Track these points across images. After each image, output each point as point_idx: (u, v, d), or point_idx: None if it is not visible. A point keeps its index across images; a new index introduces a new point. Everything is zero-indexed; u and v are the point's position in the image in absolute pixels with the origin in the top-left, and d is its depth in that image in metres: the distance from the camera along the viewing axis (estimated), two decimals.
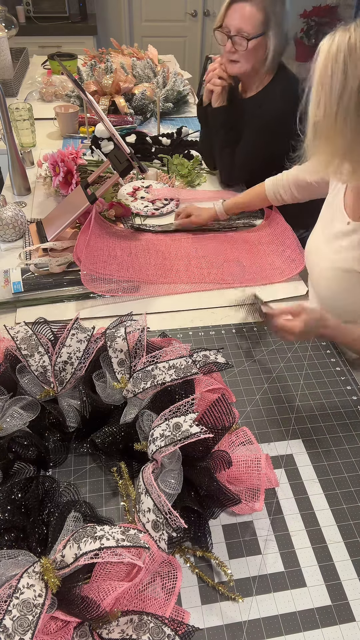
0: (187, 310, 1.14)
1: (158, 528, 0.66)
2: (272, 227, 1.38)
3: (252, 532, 0.74)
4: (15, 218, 1.30)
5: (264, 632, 0.64)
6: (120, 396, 0.83)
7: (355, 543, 0.73)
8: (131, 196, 1.50)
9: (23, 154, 1.65)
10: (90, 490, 0.78)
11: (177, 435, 0.69)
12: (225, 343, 1.06)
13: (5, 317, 1.09)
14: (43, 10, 3.60)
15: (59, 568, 0.59)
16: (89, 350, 0.84)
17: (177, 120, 2.13)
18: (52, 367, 0.82)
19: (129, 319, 0.93)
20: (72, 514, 0.66)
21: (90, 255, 1.17)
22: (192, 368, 0.80)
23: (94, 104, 1.20)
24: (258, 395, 0.95)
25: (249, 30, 1.30)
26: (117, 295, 1.16)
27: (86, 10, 3.75)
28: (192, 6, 4.02)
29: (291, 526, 0.75)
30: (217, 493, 0.70)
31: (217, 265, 1.27)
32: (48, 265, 1.18)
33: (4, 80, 2.23)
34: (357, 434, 0.88)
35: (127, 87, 2.06)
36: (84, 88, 1.64)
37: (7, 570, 0.59)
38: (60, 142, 1.90)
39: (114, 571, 0.61)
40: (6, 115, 1.36)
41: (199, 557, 0.70)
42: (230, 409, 0.75)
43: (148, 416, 0.78)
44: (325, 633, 0.64)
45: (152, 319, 1.11)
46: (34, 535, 0.65)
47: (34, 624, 0.54)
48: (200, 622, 0.65)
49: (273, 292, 1.20)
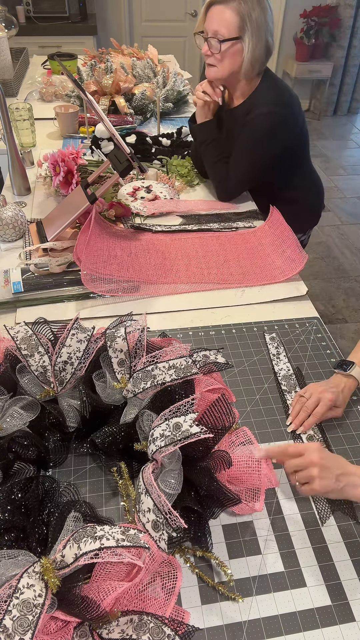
0: (187, 310, 1.14)
1: (158, 528, 0.66)
2: (272, 227, 1.38)
3: (252, 532, 0.74)
4: (15, 218, 1.30)
5: (264, 632, 0.64)
6: (120, 396, 0.83)
7: (355, 543, 0.73)
8: (131, 196, 1.50)
9: (23, 154, 1.65)
10: (90, 490, 0.78)
11: (177, 435, 0.69)
12: (225, 343, 1.06)
13: (5, 317, 1.09)
14: (43, 10, 3.61)
15: (59, 568, 0.59)
16: (89, 350, 0.84)
17: (177, 120, 2.13)
18: (52, 367, 0.82)
19: (129, 319, 0.93)
20: (72, 514, 0.66)
21: (90, 255, 1.17)
22: (192, 368, 0.80)
23: (94, 104, 1.20)
24: (258, 395, 0.95)
25: (223, 33, 1.29)
26: (117, 295, 1.16)
27: (86, 10, 3.75)
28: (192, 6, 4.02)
29: (291, 526, 0.75)
30: (217, 493, 0.70)
31: (217, 265, 1.27)
32: (48, 265, 1.19)
33: (4, 80, 2.23)
34: (357, 434, 0.88)
35: (127, 87, 2.06)
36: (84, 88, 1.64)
37: (7, 570, 0.59)
38: (60, 142, 1.90)
39: (114, 571, 0.61)
40: (6, 115, 1.36)
41: (199, 557, 0.70)
42: (230, 409, 0.75)
43: (148, 416, 0.78)
44: (325, 633, 0.64)
45: (152, 319, 1.11)
46: (34, 535, 0.65)
47: (34, 624, 0.54)
48: (200, 622, 0.65)
49: (273, 292, 1.20)
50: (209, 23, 1.32)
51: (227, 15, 1.28)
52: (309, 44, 4.28)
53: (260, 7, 1.28)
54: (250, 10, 1.27)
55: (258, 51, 1.32)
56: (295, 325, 1.11)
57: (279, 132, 1.39)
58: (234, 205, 1.53)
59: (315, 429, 0.89)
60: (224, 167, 1.47)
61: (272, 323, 1.12)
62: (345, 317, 2.59)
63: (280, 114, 1.37)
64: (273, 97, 1.38)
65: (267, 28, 1.31)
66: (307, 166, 1.61)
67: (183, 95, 2.22)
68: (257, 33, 1.30)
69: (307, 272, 2.88)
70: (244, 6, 1.27)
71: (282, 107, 1.38)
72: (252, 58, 1.33)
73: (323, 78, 4.52)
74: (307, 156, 1.60)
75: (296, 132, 1.45)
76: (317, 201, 1.69)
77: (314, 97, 4.83)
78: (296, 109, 1.42)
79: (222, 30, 1.29)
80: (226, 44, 1.31)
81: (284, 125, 1.39)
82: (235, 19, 1.28)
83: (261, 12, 1.28)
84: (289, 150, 1.46)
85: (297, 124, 1.44)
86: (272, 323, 1.12)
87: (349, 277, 2.87)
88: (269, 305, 1.17)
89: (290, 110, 1.40)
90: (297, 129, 1.45)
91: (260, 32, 1.30)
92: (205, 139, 1.49)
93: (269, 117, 1.36)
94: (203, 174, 1.63)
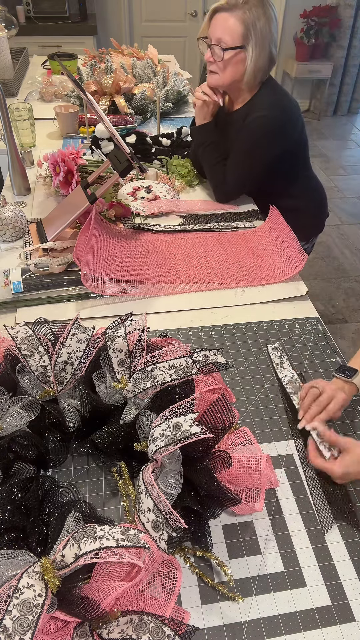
0: (187, 310, 1.14)
1: (158, 528, 0.66)
2: (272, 227, 1.38)
3: (252, 532, 0.74)
4: (15, 218, 1.30)
5: (264, 632, 0.64)
6: (120, 396, 0.83)
7: (355, 543, 0.73)
8: (131, 196, 1.50)
9: (23, 154, 1.65)
10: (90, 490, 0.78)
11: (177, 435, 0.69)
12: (225, 343, 1.06)
13: (5, 317, 1.09)
14: (43, 10, 3.61)
15: (59, 568, 0.59)
16: (89, 350, 0.84)
17: (177, 120, 2.13)
18: (52, 367, 0.82)
19: (129, 319, 0.93)
20: (72, 514, 0.66)
21: (90, 255, 1.17)
22: (192, 368, 0.80)
23: (94, 104, 1.20)
24: (258, 395, 0.95)
25: (227, 41, 1.28)
26: (117, 295, 1.16)
27: (86, 10, 3.75)
28: (192, 6, 4.02)
29: (291, 526, 0.75)
30: (217, 493, 0.70)
31: (217, 265, 1.27)
32: (48, 265, 1.19)
33: (4, 80, 2.23)
34: (357, 434, 0.88)
35: (127, 87, 2.06)
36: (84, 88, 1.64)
37: (7, 570, 0.59)
38: (60, 142, 1.90)
39: (114, 571, 0.61)
40: (6, 115, 1.36)
41: (199, 557, 0.70)
42: (230, 409, 0.75)
43: (148, 416, 0.78)
44: (325, 633, 0.64)
45: (152, 319, 1.11)
46: (34, 535, 0.65)
47: (34, 624, 0.54)
48: (200, 622, 0.65)
49: (273, 292, 1.20)
50: (213, 30, 1.31)
51: (231, 23, 1.27)
52: (309, 44, 4.29)
53: (266, 17, 1.27)
54: (255, 19, 1.26)
55: (261, 61, 1.32)
56: (295, 325, 1.11)
57: (276, 136, 1.39)
58: (234, 205, 1.53)
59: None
60: (222, 169, 1.47)
61: (272, 323, 1.12)
62: (345, 317, 2.59)
63: (279, 119, 1.37)
64: (272, 101, 1.38)
65: (272, 38, 1.30)
66: (308, 173, 1.60)
67: (183, 95, 2.22)
68: (261, 43, 1.29)
69: (307, 272, 2.88)
70: (249, 15, 1.25)
71: (280, 111, 1.37)
72: (255, 68, 1.32)
73: (323, 78, 4.53)
74: (308, 163, 1.59)
75: (295, 138, 1.44)
76: (319, 209, 1.68)
77: (314, 97, 4.83)
78: (295, 116, 1.41)
79: (225, 38, 1.28)
80: (229, 53, 1.30)
81: (282, 130, 1.39)
82: (240, 28, 1.27)
83: (266, 22, 1.27)
84: (288, 155, 1.46)
85: (295, 130, 1.43)
86: (272, 323, 1.12)
87: (349, 277, 2.87)
88: (269, 305, 1.17)
89: (289, 116, 1.39)
90: (296, 135, 1.44)
91: (265, 42, 1.29)
92: (204, 141, 1.49)
93: (267, 120, 1.36)
94: (202, 175, 1.63)
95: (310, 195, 1.62)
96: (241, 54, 1.31)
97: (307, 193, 1.61)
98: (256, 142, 1.39)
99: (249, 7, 1.25)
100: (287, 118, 1.39)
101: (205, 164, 1.51)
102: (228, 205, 1.53)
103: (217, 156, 1.48)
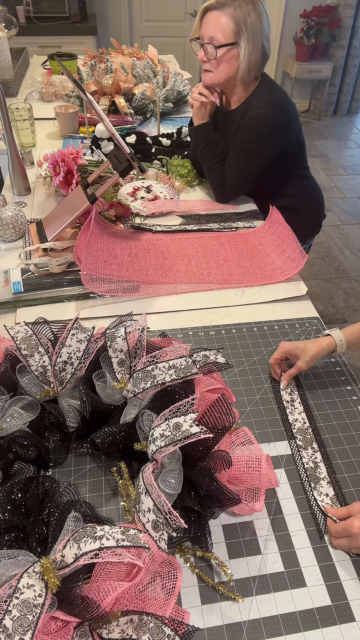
0: (187, 310, 1.14)
1: (158, 528, 0.66)
2: (272, 227, 1.38)
3: (252, 532, 0.74)
4: (15, 218, 1.30)
5: (264, 632, 0.64)
6: (120, 396, 0.83)
7: None
8: (131, 196, 1.50)
9: (23, 154, 1.65)
10: (90, 490, 0.78)
11: (177, 435, 0.69)
12: (225, 343, 1.06)
13: (5, 317, 1.09)
14: (43, 10, 3.61)
15: (59, 568, 0.59)
16: (89, 350, 0.84)
17: (177, 120, 2.13)
18: (52, 367, 0.82)
19: (129, 319, 0.93)
20: (72, 514, 0.66)
21: (90, 255, 1.17)
22: (192, 368, 0.80)
23: (94, 104, 1.20)
24: (258, 395, 0.95)
25: (219, 39, 1.29)
26: (117, 295, 1.16)
27: (86, 10, 3.75)
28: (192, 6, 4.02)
29: (291, 526, 0.75)
30: (217, 493, 0.70)
31: (217, 265, 1.27)
32: (48, 265, 1.19)
33: (4, 80, 2.23)
34: (357, 434, 0.88)
35: (127, 87, 2.06)
36: (84, 88, 1.64)
37: (7, 570, 0.59)
38: (60, 142, 1.90)
39: (114, 571, 0.61)
40: (6, 115, 1.36)
41: (199, 557, 0.70)
42: (230, 409, 0.75)
43: (148, 416, 0.78)
44: (325, 633, 0.64)
45: (152, 319, 1.11)
46: (34, 535, 0.65)
47: (34, 624, 0.54)
48: (200, 622, 0.65)
49: (273, 292, 1.20)
50: (205, 29, 1.32)
51: (222, 20, 1.28)
52: (309, 44, 4.29)
53: (256, 12, 1.28)
54: (246, 15, 1.27)
55: (254, 56, 1.33)
56: (295, 325, 1.11)
57: (274, 134, 1.39)
58: (234, 205, 1.53)
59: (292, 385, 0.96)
60: (221, 169, 1.47)
61: (272, 323, 1.12)
62: (345, 317, 2.59)
63: (276, 117, 1.37)
64: (269, 100, 1.38)
65: (263, 33, 1.31)
66: (305, 174, 1.61)
67: (183, 95, 2.22)
68: (253, 38, 1.30)
69: (307, 272, 2.88)
70: (239, 11, 1.27)
71: (277, 110, 1.37)
72: (249, 63, 1.33)
73: (323, 78, 4.52)
74: (305, 164, 1.59)
75: (292, 138, 1.45)
76: (316, 211, 1.68)
77: (314, 97, 4.83)
78: (293, 116, 1.42)
79: (217, 35, 1.30)
80: (222, 50, 1.31)
81: (279, 128, 1.39)
82: (231, 25, 1.28)
83: (257, 17, 1.28)
84: (286, 155, 1.46)
85: (293, 131, 1.43)
86: (272, 323, 1.12)
87: (349, 277, 2.87)
88: (269, 305, 1.17)
89: (286, 116, 1.39)
90: (294, 135, 1.45)
91: (256, 37, 1.30)
92: (202, 142, 1.49)
93: (264, 118, 1.36)
94: (202, 175, 1.63)
95: (307, 196, 1.63)
96: (234, 50, 1.32)
97: (304, 194, 1.61)
98: (254, 140, 1.39)
99: (239, 3, 1.27)
100: (286, 118, 1.39)
101: (204, 164, 1.51)
102: (228, 205, 1.53)
103: (215, 156, 1.48)
